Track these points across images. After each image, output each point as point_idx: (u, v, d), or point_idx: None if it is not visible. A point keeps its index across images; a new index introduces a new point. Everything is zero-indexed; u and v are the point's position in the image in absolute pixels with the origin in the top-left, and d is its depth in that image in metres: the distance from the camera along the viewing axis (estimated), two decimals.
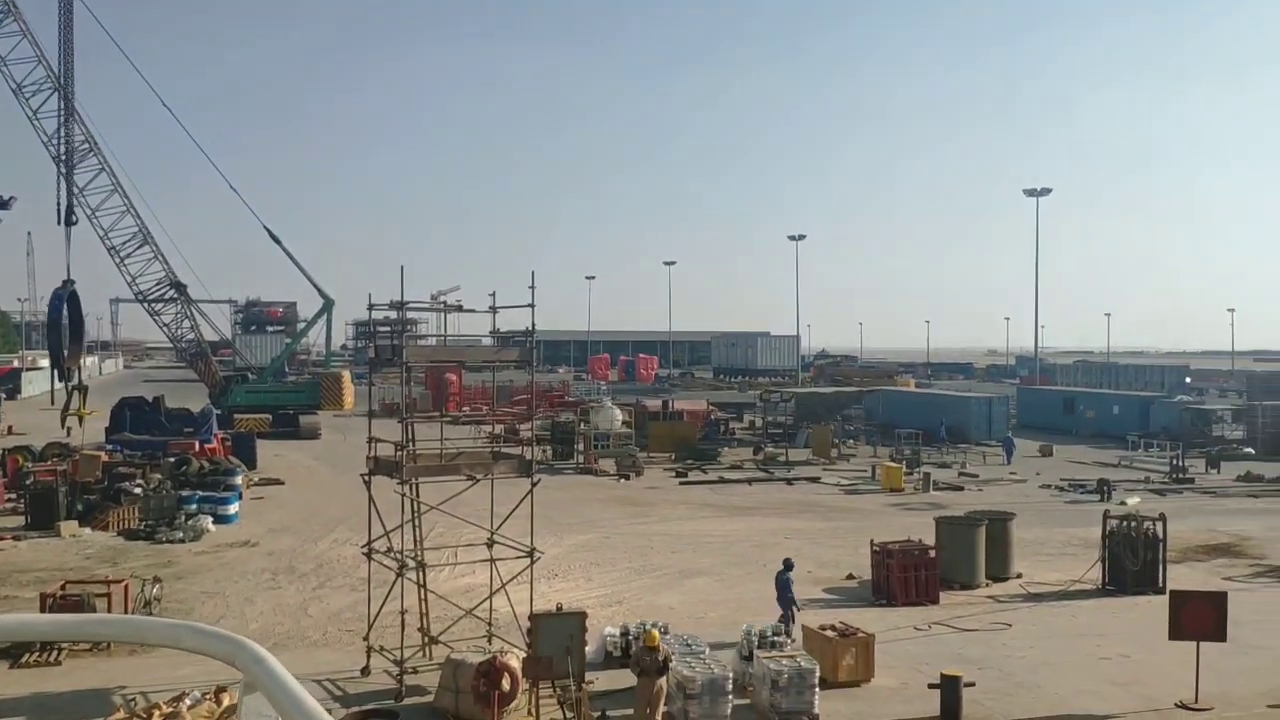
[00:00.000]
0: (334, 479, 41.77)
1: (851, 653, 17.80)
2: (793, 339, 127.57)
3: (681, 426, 57.06)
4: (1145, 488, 43.70)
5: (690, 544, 30.38)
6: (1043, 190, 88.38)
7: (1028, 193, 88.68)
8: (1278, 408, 60.77)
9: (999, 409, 64.44)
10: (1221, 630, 16.40)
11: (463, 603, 20.24)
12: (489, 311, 18.49)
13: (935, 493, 41.72)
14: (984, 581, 25.60)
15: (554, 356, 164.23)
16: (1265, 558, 29.14)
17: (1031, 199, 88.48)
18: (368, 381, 20.83)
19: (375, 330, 18.68)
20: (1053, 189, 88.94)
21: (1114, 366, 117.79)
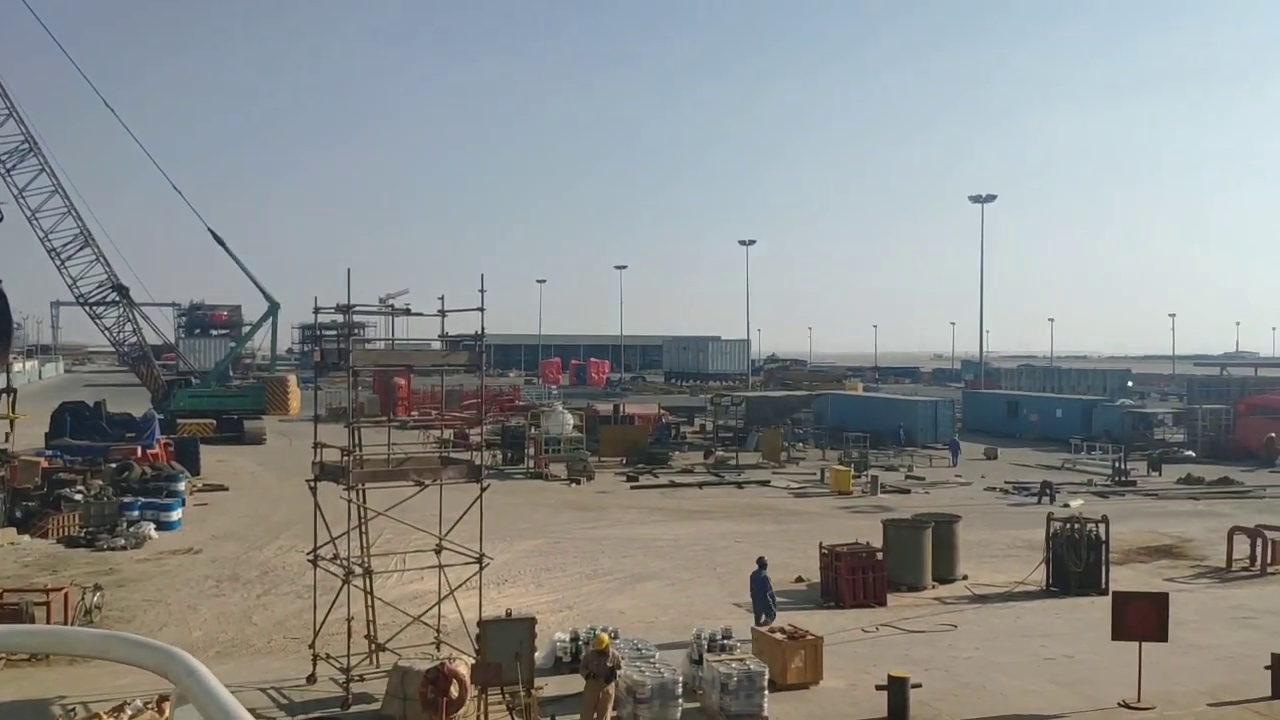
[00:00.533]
0: (279, 485, 41.29)
1: (800, 655, 17.87)
2: (743, 343, 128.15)
3: (633, 430, 57.09)
4: (1088, 490, 44.37)
5: (641, 548, 30.38)
6: (988, 197, 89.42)
7: (973, 199, 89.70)
8: (1217, 411, 61.98)
9: (945, 412, 65.13)
10: (1163, 630, 16.67)
11: (411, 609, 20.06)
12: (438, 315, 18.34)
13: (883, 495, 42.08)
14: (930, 583, 25.86)
15: (504, 360, 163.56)
16: (1206, 559, 29.68)
17: (977, 205, 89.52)
18: (314, 386, 20.52)
19: (321, 334, 18.45)
20: (997, 196, 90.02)
21: (1057, 370, 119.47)
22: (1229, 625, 22.30)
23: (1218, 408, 63.32)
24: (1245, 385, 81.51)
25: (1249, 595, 25.51)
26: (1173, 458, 54.78)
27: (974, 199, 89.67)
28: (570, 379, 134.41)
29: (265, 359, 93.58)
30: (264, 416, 63.68)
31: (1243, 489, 45.16)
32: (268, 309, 65.75)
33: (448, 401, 66.46)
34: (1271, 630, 21.52)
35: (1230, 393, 73.95)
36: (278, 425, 65.87)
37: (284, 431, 62.55)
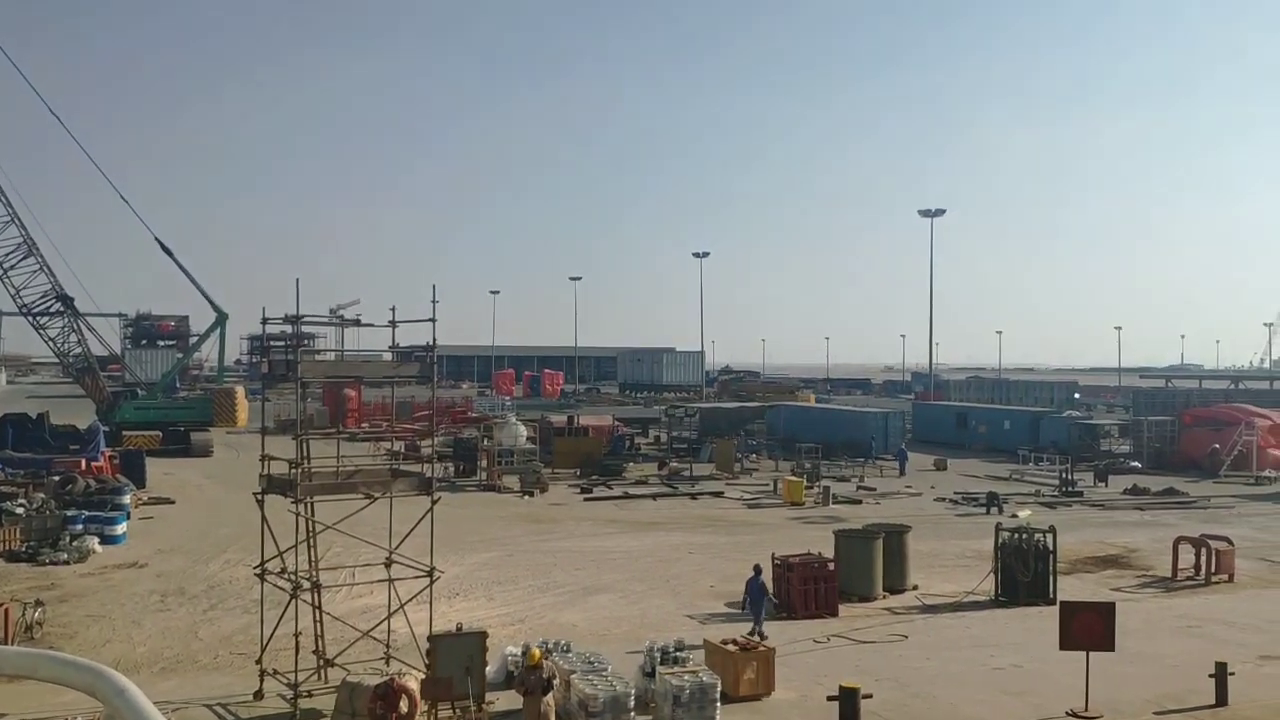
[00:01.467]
0: (226, 498, 40.70)
1: (752, 667, 17.89)
2: (697, 355, 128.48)
3: (586, 442, 56.95)
4: (1036, 501, 44.88)
5: (594, 560, 30.28)
6: (937, 211, 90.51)
7: (923, 214, 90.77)
8: (1162, 423, 63.02)
9: (895, 424, 65.68)
10: (1110, 640, 16.87)
11: (360, 624, 19.83)
12: (388, 326, 18.19)
13: (835, 506, 42.29)
14: (881, 593, 26.01)
15: (457, 372, 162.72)
16: (1151, 569, 30.10)
17: (926, 219, 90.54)
18: (262, 397, 20.28)
19: (269, 344, 18.25)
20: (946, 210, 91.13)
21: (1005, 382, 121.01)
22: (1174, 634, 22.63)
23: (1163, 419, 64.41)
24: (1190, 397, 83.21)
25: (1194, 605, 25.90)
26: (1119, 469, 55.54)
27: (924, 213, 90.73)
28: (524, 390, 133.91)
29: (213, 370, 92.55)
30: (211, 428, 62.86)
31: (1187, 499, 45.89)
32: (215, 319, 64.98)
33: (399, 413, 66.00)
34: (1216, 639, 21.89)
35: (1175, 405, 75.39)
36: (225, 437, 65.06)
37: (232, 444, 61.76)
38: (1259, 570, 30.00)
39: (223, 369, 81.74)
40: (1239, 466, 54.83)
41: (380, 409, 74.66)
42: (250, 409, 79.32)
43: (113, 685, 4.42)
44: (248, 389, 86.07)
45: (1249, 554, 31.27)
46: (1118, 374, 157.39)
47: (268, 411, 19.39)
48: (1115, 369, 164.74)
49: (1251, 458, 54.65)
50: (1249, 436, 55.54)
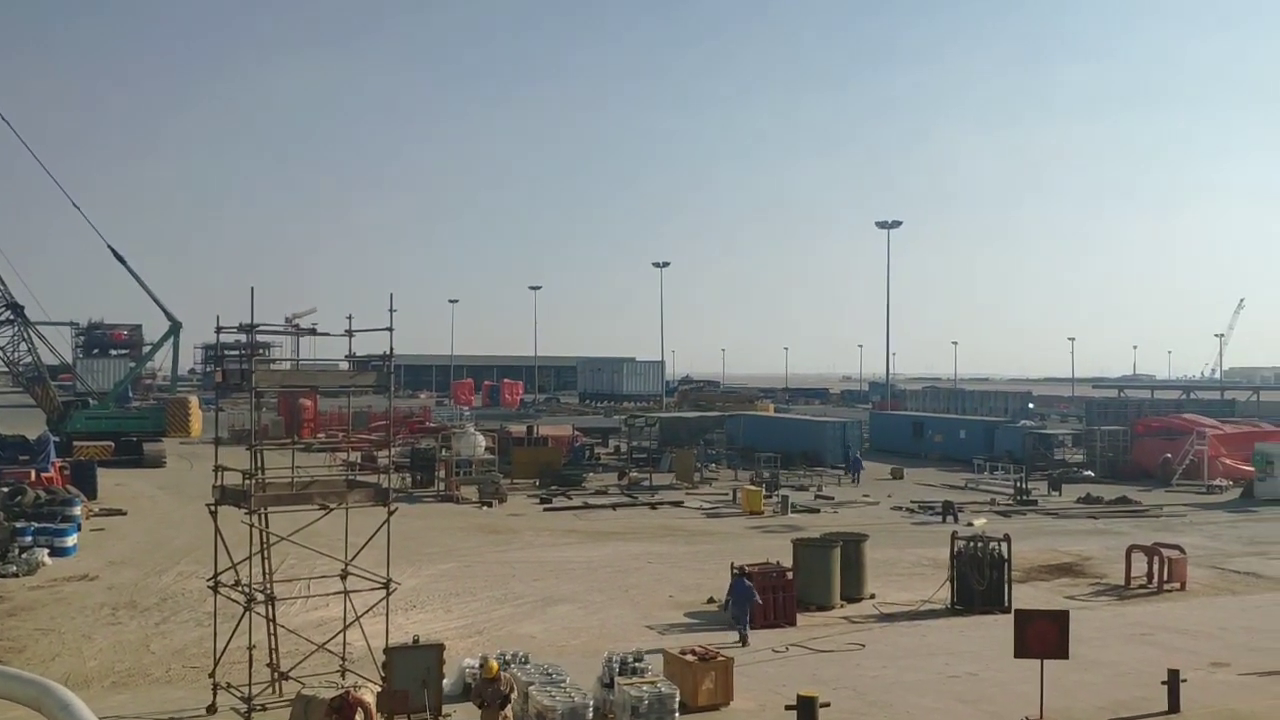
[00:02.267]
0: (180, 509, 40.19)
1: (711, 676, 17.88)
2: (657, 364, 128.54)
3: (546, 452, 56.79)
4: (991, 509, 45.29)
5: (553, 571, 30.18)
6: (894, 223, 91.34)
7: (880, 225, 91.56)
8: (1115, 432, 63.84)
9: (853, 433, 66.09)
10: (1064, 648, 17.00)
11: (315, 636, 19.64)
12: (344, 335, 18.05)
13: (793, 515, 42.46)
14: (839, 602, 26.13)
15: (415, 381, 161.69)
16: (1105, 577, 30.45)
17: (883, 231, 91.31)
18: (215, 407, 20.04)
19: (223, 354, 18.04)
20: (903, 222, 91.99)
21: (961, 392, 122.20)
22: (1127, 642, 22.88)
23: (1115, 429, 65.23)
24: (1142, 407, 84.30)
25: (1147, 612, 26.23)
26: (1072, 478, 56.16)
27: (881, 225, 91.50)
28: (483, 400, 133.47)
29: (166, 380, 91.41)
30: (164, 439, 62.04)
31: (1140, 508, 46.47)
32: (169, 328, 64.22)
33: (356, 423, 65.60)
34: (1168, 646, 22.17)
35: (1127, 414, 76.33)
36: (178, 448, 64.26)
37: (185, 454, 61.02)
38: (1211, 578, 30.43)
39: (176, 378, 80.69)
40: (1190, 476, 55.64)
41: (337, 419, 74.23)
42: (204, 419, 78.43)
43: (58, 700, 4.32)
44: (201, 399, 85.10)
45: (1201, 562, 31.71)
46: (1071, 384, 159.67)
47: (222, 422, 19.18)
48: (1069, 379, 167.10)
49: (1203, 467, 55.47)
50: (1200, 446, 56.39)
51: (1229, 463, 56.54)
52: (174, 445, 64.21)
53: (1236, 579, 30.63)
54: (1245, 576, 30.96)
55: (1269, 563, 33.03)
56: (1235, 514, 45.51)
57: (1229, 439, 58.98)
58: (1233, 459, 56.73)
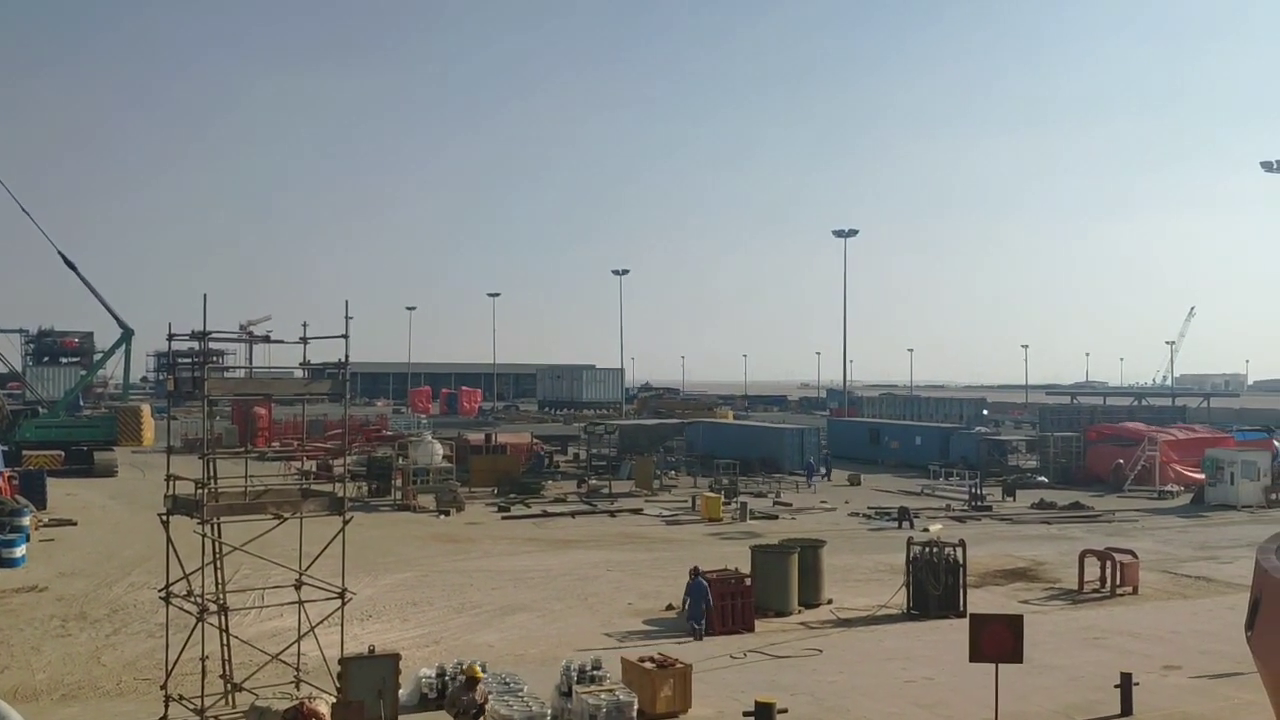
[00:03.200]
0: (131, 519, 39.62)
1: (669, 684, 17.87)
2: (617, 372, 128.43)
3: (504, 460, 56.59)
4: (946, 515, 45.69)
5: (511, 580, 30.06)
6: (850, 232, 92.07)
7: (836, 234, 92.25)
8: (1068, 439, 64.61)
9: (811, 440, 66.46)
10: (1019, 652, 17.15)
11: (269, 647, 19.39)
12: (299, 342, 17.87)
13: (752, 521, 42.59)
14: (797, 608, 26.24)
15: (372, 389, 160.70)
16: (1058, 582, 30.78)
17: (840, 239, 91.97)
18: (168, 416, 19.77)
19: (175, 361, 17.81)
20: (859, 231, 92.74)
21: (917, 399, 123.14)
22: (1081, 645, 23.13)
23: (1068, 435, 66.03)
24: (1094, 414, 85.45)
25: (1099, 616, 26.54)
26: (1026, 483, 56.81)
27: (837, 233, 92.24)
28: (441, 408, 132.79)
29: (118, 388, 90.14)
30: (116, 448, 61.21)
31: (1093, 513, 47.07)
32: (121, 336, 63.35)
33: (311, 432, 65.01)
34: (1121, 650, 22.43)
35: (1080, 421, 77.37)
36: (130, 457, 63.42)
37: (137, 463, 60.21)
38: (1162, 582, 30.86)
39: (128, 387, 79.52)
40: (1142, 481, 56.37)
41: (291, 427, 73.49)
42: (156, 428, 77.48)
43: None
44: (154, 407, 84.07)
45: (1152, 566, 32.15)
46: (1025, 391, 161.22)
47: (174, 430, 18.96)
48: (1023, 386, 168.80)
49: (1154, 473, 56.27)
50: (1152, 452, 57.21)
51: (1180, 469, 57.41)
52: (126, 454, 63.37)
53: (1188, 583, 31.07)
54: (1196, 580, 31.42)
55: (1220, 567, 33.54)
56: (1186, 519, 46.19)
57: (1180, 445, 59.82)
58: (1183, 465, 57.61)
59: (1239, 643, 16.09)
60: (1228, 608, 25.62)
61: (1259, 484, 49.96)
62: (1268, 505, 48.90)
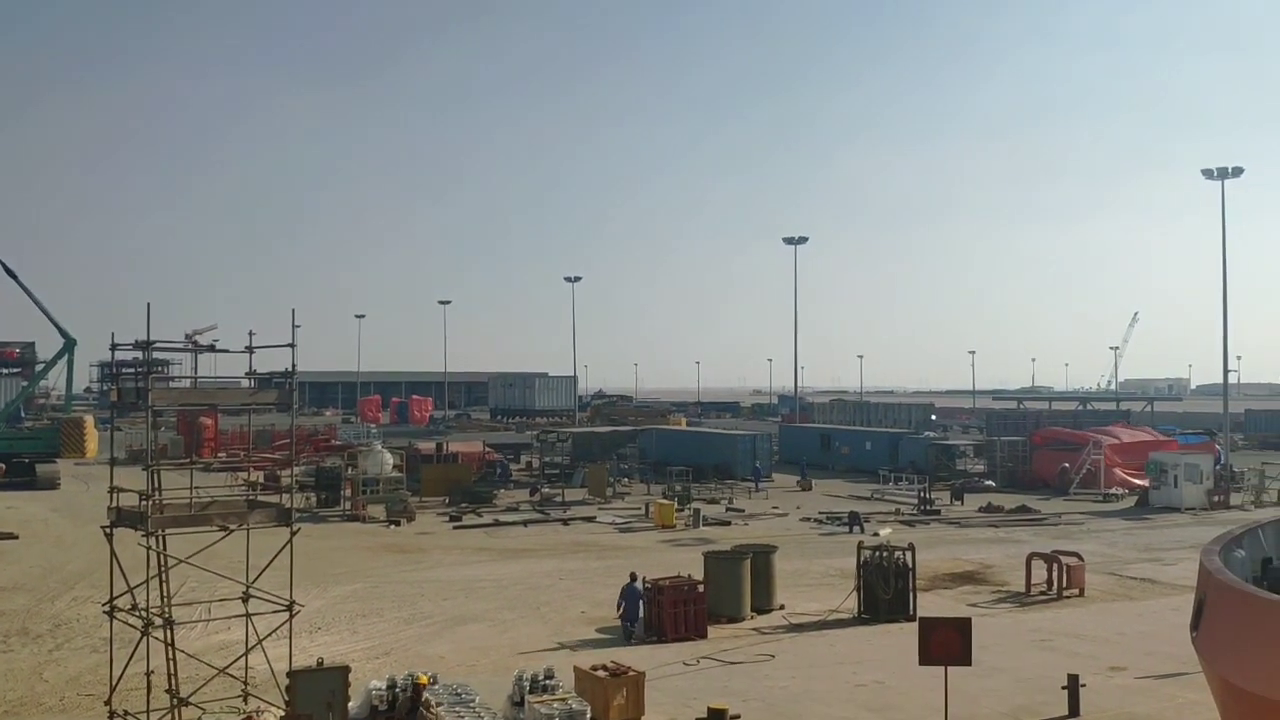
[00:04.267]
0: (74, 532, 38.88)
1: (622, 692, 17.83)
2: (570, 379, 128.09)
3: (456, 469, 56.27)
4: (896, 519, 46.09)
5: (463, 590, 29.87)
6: (800, 239, 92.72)
7: (786, 241, 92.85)
8: (1015, 443, 65.43)
9: (763, 446, 66.75)
10: (967, 655, 17.33)
11: (216, 661, 19.13)
12: (245, 351, 17.68)
13: (705, 528, 42.68)
14: (749, 614, 26.33)
15: (320, 399, 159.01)
16: (1006, 584, 31.14)
17: (790, 246, 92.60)
18: (111, 427, 19.47)
19: (119, 372, 17.55)
20: (809, 238, 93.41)
21: (866, 405, 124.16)
22: (1028, 648, 23.42)
23: (1015, 439, 66.86)
24: (1040, 418, 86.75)
25: (1046, 618, 26.87)
26: (974, 487, 57.37)
27: (787, 241, 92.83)
28: (391, 417, 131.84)
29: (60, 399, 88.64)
30: (58, 460, 60.09)
31: (1039, 516, 47.67)
32: (63, 346, 62.39)
33: (258, 442, 64.28)
34: (1068, 652, 22.73)
35: (1026, 425, 78.44)
36: (73, 469, 62.25)
37: (80, 475, 59.05)
38: (1108, 584, 31.31)
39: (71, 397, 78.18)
40: (1088, 484, 57.23)
41: (238, 438, 72.66)
42: (100, 439, 76.17)
43: None
44: (97, 418, 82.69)
45: (1098, 569, 32.60)
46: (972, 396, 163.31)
47: (118, 441, 18.68)
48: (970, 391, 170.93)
49: (1099, 476, 57.13)
50: (1096, 456, 58.08)
51: (1124, 472, 58.34)
52: (69, 466, 62.22)
53: (1133, 585, 31.57)
54: (1141, 582, 31.93)
55: (1164, 569, 34.10)
56: (1131, 521, 46.93)
57: (1124, 449, 60.78)
58: (1128, 469, 58.55)
59: (1183, 643, 16.39)
60: (1172, 609, 26.08)
61: (1202, 487, 50.88)
62: (1211, 508, 49.81)
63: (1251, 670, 10.86)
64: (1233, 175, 63.57)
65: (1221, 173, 63.47)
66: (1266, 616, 11.07)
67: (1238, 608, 11.54)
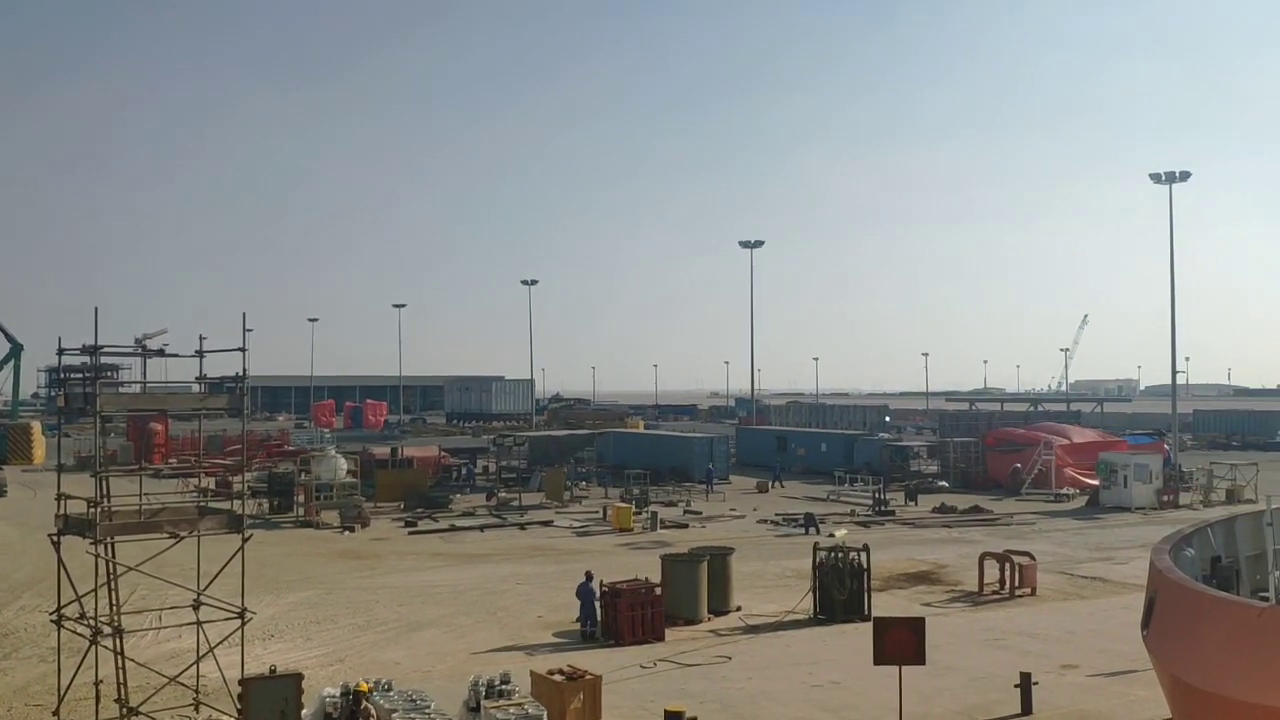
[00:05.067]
0: (21, 540, 38.14)
1: (579, 696, 17.77)
2: (527, 383, 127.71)
3: (411, 474, 55.87)
4: (851, 520, 46.38)
5: (418, 596, 29.66)
6: (756, 243, 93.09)
7: (743, 244, 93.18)
8: (968, 444, 66.09)
9: (720, 449, 66.93)
10: (921, 654, 17.48)
11: (167, 669, 18.88)
12: (195, 355, 17.46)
13: (663, 531, 42.72)
14: (707, 616, 26.38)
15: (273, 403, 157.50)
16: (959, 584, 31.44)
17: (746, 250, 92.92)
18: (59, 432, 19.16)
19: (67, 377, 17.29)
20: (765, 242, 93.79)
21: (822, 407, 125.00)
22: (982, 647, 23.66)
23: (968, 440, 67.52)
24: (992, 419, 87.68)
25: (999, 617, 27.17)
26: (928, 488, 57.90)
27: (744, 244, 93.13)
28: (345, 422, 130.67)
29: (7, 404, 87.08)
30: (5, 466, 59.07)
31: (992, 517, 48.17)
32: (9, 351, 61.21)
33: (210, 448, 63.49)
34: (1020, 650, 23.00)
35: (979, 426, 79.22)
36: (20, 476, 61.28)
37: (27, 482, 58.07)
38: (1059, 583, 31.70)
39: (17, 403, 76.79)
40: (1039, 485, 57.92)
41: (189, 443, 71.74)
42: (48, 445, 74.90)
43: None
44: (45, 424, 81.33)
45: (1050, 568, 32.99)
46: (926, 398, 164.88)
47: (66, 448, 18.38)
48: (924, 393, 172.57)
49: (1050, 476, 57.83)
50: (1047, 456, 58.79)
51: (1075, 473, 59.08)
52: (15, 473, 61.30)
53: (1084, 584, 31.99)
54: (1092, 581, 32.37)
55: (1115, 568, 34.59)
56: (1082, 521, 47.56)
57: (1075, 449, 61.57)
58: (1078, 469, 59.32)
59: (1134, 641, 16.65)
60: (1123, 607, 26.46)
61: (1151, 486, 51.69)
62: (1160, 507, 50.61)
63: (1200, 667, 11.05)
64: (1180, 179, 64.61)
65: (1169, 177, 64.49)
66: (1215, 614, 11.27)
67: (1187, 606, 11.74)
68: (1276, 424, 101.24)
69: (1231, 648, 10.63)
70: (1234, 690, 10.41)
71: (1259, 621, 10.59)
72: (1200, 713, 11.18)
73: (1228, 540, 16.16)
